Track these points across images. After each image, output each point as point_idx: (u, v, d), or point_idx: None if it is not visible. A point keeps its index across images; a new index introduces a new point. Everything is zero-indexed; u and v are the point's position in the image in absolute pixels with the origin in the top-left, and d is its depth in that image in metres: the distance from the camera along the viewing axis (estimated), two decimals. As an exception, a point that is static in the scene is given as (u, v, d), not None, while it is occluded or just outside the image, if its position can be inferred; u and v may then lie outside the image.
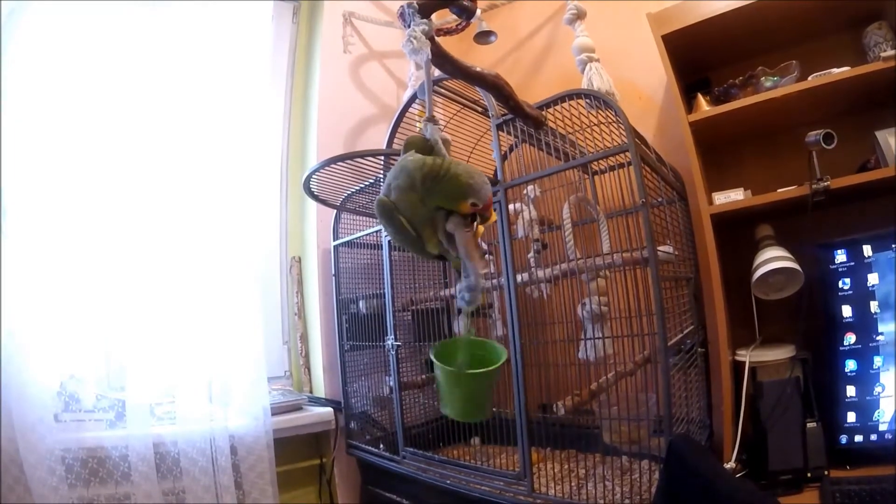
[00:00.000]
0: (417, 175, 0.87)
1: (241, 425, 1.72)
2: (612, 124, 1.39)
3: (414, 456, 1.73)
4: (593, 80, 1.67)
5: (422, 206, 0.89)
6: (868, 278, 1.44)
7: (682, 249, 1.65)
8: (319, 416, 1.97)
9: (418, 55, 0.96)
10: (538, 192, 1.63)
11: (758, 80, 1.65)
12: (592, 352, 1.41)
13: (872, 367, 1.43)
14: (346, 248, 2.05)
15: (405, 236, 0.91)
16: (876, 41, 1.55)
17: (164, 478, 1.58)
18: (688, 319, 1.58)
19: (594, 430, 1.60)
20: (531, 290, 1.51)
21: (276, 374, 2.15)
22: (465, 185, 0.86)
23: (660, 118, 2.06)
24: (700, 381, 1.62)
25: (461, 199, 0.87)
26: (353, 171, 1.63)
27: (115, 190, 1.65)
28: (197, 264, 1.75)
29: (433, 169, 0.87)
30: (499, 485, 1.46)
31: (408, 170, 0.88)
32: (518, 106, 1.33)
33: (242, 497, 1.70)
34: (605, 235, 1.54)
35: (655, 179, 1.46)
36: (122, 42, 1.71)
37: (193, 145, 1.79)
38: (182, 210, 1.75)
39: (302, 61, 2.37)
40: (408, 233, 0.90)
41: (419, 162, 0.88)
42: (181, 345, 1.68)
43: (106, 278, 1.62)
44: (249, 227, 1.89)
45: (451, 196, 0.87)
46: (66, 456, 1.44)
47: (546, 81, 2.41)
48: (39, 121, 1.53)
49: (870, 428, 1.43)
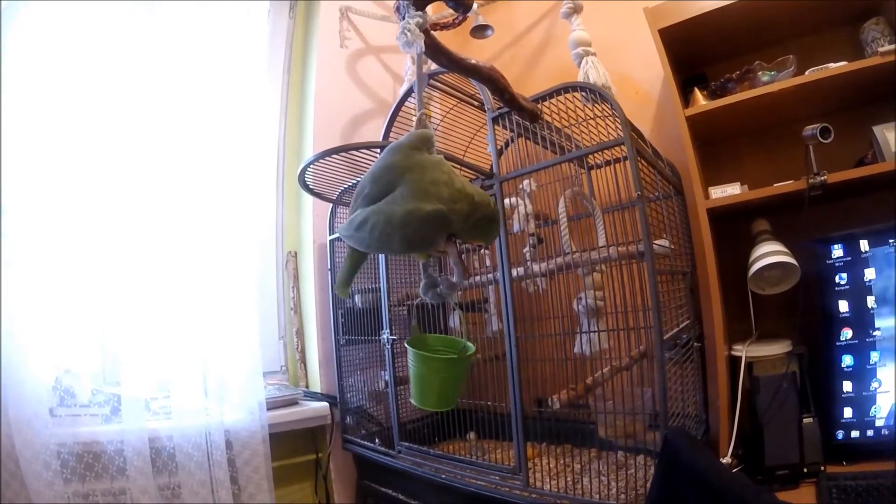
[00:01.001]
0: (475, 210, 0.91)
1: (237, 420, 1.72)
2: (609, 118, 1.39)
3: (409, 451, 1.73)
4: (590, 74, 1.67)
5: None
6: (865, 273, 1.44)
7: (679, 244, 1.64)
8: (315, 411, 1.97)
9: (412, 48, 0.96)
10: (534, 186, 1.62)
11: (755, 74, 1.65)
12: (588, 346, 1.41)
13: (869, 362, 1.43)
14: (343, 242, 2.03)
15: (415, 246, 0.92)
16: (874, 37, 1.55)
17: (159, 473, 1.58)
18: (684, 314, 1.58)
19: (590, 426, 1.60)
20: (527, 285, 1.51)
21: (272, 368, 2.15)
22: (496, 232, 0.98)
23: (656, 113, 2.05)
24: (696, 376, 1.62)
25: (486, 240, 0.99)
26: (348, 165, 1.62)
27: (111, 185, 1.65)
28: (193, 259, 1.75)
29: (488, 210, 0.93)
30: (494, 479, 1.46)
31: (476, 202, 0.91)
32: (513, 98, 1.33)
33: (238, 492, 1.70)
34: (600, 230, 1.53)
35: (652, 173, 1.45)
36: (119, 37, 1.70)
37: (189, 139, 1.79)
38: (178, 204, 1.74)
39: (298, 56, 2.36)
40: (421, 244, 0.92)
41: (486, 199, 0.93)
42: (176, 340, 1.68)
43: (102, 273, 1.62)
44: (245, 221, 1.89)
45: (482, 236, 0.97)
46: (62, 451, 1.44)
47: (543, 76, 2.40)
48: (35, 114, 1.53)
49: (866, 423, 1.43)
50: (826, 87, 1.50)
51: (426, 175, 0.89)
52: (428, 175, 0.89)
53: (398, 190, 0.89)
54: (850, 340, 1.45)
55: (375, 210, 0.89)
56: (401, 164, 0.91)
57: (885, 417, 1.41)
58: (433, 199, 0.86)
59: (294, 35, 2.35)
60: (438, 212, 0.86)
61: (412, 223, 0.86)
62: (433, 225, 0.87)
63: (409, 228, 0.86)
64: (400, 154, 0.93)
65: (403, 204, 0.87)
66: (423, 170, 0.90)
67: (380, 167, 0.93)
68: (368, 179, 0.94)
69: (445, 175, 0.90)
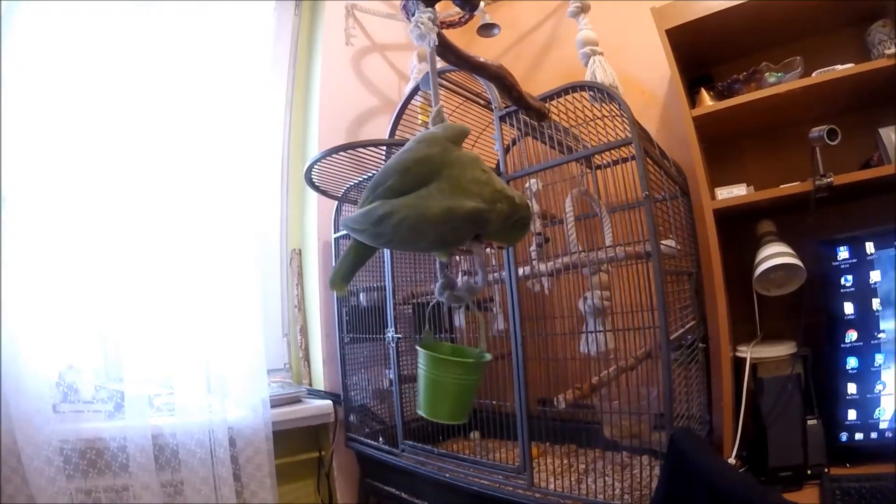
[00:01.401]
0: (514, 212, 0.89)
1: (240, 417, 1.72)
2: (616, 118, 1.39)
3: (413, 449, 1.72)
4: (597, 74, 1.66)
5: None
6: (870, 275, 1.44)
7: (684, 245, 1.64)
8: (318, 409, 1.97)
9: (425, 40, 0.96)
10: (540, 185, 1.62)
11: (761, 75, 1.65)
12: (594, 346, 1.40)
13: (873, 364, 1.43)
14: (347, 240, 2.03)
15: (447, 244, 0.91)
16: (880, 39, 1.55)
17: (162, 469, 1.57)
18: (689, 315, 1.58)
19: (594, 426, 1.60)
20: (532, 284, 1.51)
21: (276, 366, 2.15)
22: (525, 235, 0.98)
23: (662, 114, 2.05)
24: (700, 377, 1.62)
25: (514, 242, 1.04)
26: (354, 163, 1.62)
27: (114, 180, 1.64)
28: (197, 255, 1.74)
29: (527, 213, 0.91)
30: (498, 478, 1.46)
31: (517, 204, 0.89)
32: (521, 97, 1.33)
33: (241, 489, 1.70)
34: (607, 230, 1.53)
35: (658, 173, 1.45)
36: (122, 32, 1.69)
37: (193, 136, 1.79)
38: (182, 201, 1.74)
39: (304, 53, 2.35)
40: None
41: (525, 201, 0.91)
42: (180, 336, 1.68)
43: (105, 269, 1.61)
44: (249, 219, 1.89)
45: (512, 238, 0.98)
46: (65, 447, 1.44)
47: (549, 76, 2.40)
48: (35, 105, 1.52)
49: (870, 426, 1.44)
50: (833, 88, 1.50)
51: (466, 172, 0.86)
52: (469, 173, 0.86)
53: (434, 184, 0.84)
54: (855, 342, 1.45)
55: (405, 203, 0.84)
56: (439, 159, 0.87)
57: (889, 420, 1.41)
58: (475, 197, 0.83)
59: (300, 32, 2.34)
60: (480, 211, 0.83)
61: (452, 220, 0.83)
62: (473, 224, 0.85)
63: (448, 226, 0.83)
64: (438, 147, 0.89)
65: (441, 200, 0.83)
66: (462, 166, 0.86)
67: (411, 159, 0.88)
68: (394, 170, 0.88)
69: (485, 175, 0.87)
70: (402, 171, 0.87)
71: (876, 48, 1.55)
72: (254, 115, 2.04)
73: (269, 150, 2.26)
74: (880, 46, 1.53)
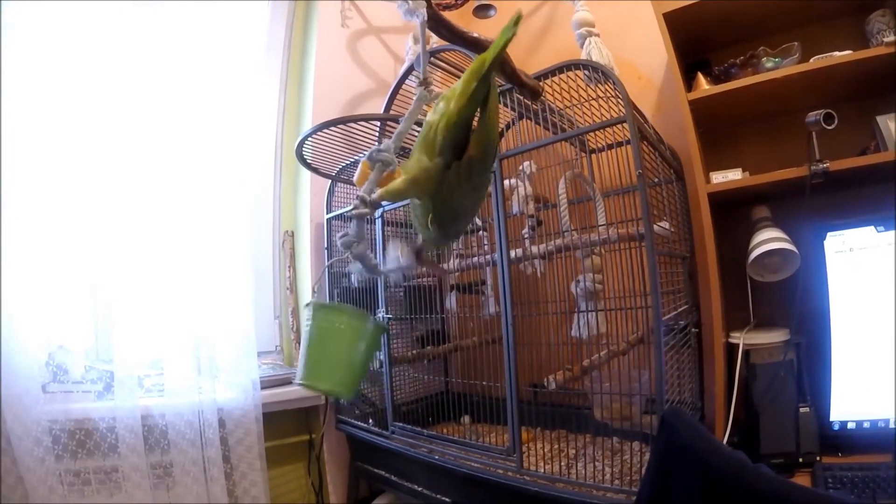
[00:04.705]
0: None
1: (230, 398, 1.71)
2: (611, 99, 1.37)
3: (403, 431, 1.72)
4: (592, 55, 1.65)
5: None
6: (865, 263, 1.43)
7: (679, 229, 1.63)
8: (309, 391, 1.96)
9: (413, 15, 0.94)
10: (534, 168, 1.61)
11: (759, 60, 1.63)
12: (585, 329, 1.40)
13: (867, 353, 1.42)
14: (340, 221, 2.03)
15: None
16: (879, 28, 1.53)
17: (151, 450, 1.57)
18: (682, 298, 1.57)
19: (585, 410, 1.59)
20: (524, 267, 1.50)
21: (267, 348, 2.13)
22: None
23: (658, 99, 2.03)
24: (693, 362, 1.61)
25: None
26: (347, 142, 1.61)
27: (105, 161, 1.63)
28: (188, 236, 1.73)
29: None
30: (488, 461, 1.45)
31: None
32: (514, 73, 1.31)
33: (230, 471, 1.69)
34: (601, 212, 1.52)
35: (653, 156, 1.44)
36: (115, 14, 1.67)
37: (185, 117, 1.77)
38: (173, 182, 1.73)
39: (299, 34, 2.33)
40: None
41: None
42: (170, 317, 1.67)
43: (96, 249, 1.60)
44: (242, 200, 1.88)
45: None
46: (54, 427, 1.43)
47: (545, 58, 2.37)
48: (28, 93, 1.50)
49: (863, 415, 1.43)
50: (830, 75, 1.48)
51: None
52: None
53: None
54: (849, 331, 1.44)
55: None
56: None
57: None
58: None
59: (295, 13, 2.32)
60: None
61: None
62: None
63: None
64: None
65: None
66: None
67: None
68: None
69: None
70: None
71: (875, 37, 1.54)
72: (248, 96, 2.02)
73: (262, 132, 2.24)
74: (879, 35, 1.52)
